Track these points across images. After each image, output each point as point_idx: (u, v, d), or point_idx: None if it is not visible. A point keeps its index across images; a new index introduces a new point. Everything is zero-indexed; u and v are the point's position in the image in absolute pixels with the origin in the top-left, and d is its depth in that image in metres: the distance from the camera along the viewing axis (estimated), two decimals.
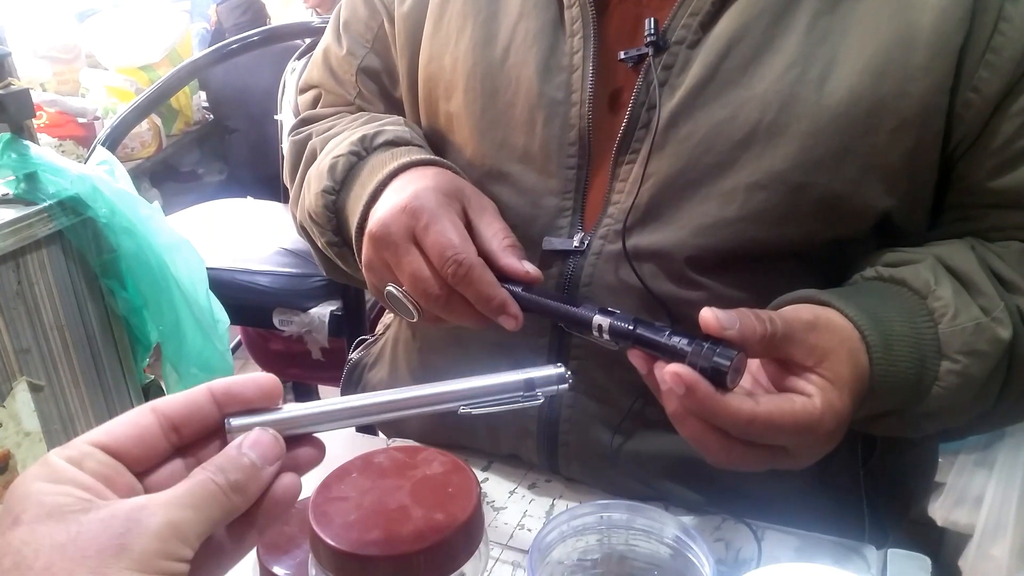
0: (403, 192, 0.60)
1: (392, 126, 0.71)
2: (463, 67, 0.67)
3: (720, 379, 0.47)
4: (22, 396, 0.67)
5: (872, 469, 0.70)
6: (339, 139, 0.71)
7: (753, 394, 0.49)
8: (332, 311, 1.61)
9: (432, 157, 0.66)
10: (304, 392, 2.20)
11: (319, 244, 0.73)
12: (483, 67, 0.66)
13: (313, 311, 1.61)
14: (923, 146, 0.58)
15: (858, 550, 0.64)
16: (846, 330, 0.53)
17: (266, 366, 2.15)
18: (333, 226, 0.69)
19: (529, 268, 0.58)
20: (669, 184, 0.61)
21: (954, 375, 0.56)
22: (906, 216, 0.62)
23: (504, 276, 0.58)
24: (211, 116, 2.92)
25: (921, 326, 0.57)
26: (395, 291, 0.60)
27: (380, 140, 0.69)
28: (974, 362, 0.56)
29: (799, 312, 0.53)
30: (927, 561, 0.63)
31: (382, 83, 0.78)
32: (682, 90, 0.60)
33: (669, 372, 0.47)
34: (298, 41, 1.96)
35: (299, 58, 1.94)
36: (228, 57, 1.85)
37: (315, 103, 0.83)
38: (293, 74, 1.93)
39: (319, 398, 2.17)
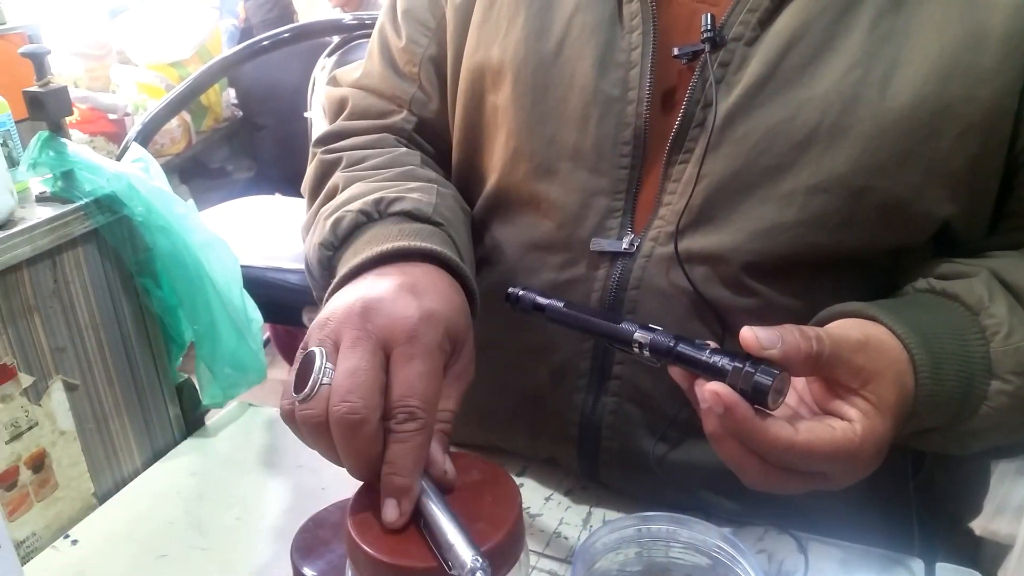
0: (413, 296, 0.50)
1: (418, 193, 0.64)
2: (513, 58, 0.65)
3: (761, 400, 0.46)
4: (57, 395, 0.67)
5: (922, 483, 0.68)
6: (359, 188, 0.66)
7: (794, 419, 0.48)
8: None
9: (443, 252, 0.58)
10: None
11: (315, 294, 0.67)
12: (535, 59, 0.64)
13: None
14: (988, 152, 0.56)
15: (905, 563, 0.62)
16: (895, 351, 0.51)
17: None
18: (325, 283, 0.61)
19: (444, 466, 0.48)
20: (724, 186, 0.59)
21: (1005, 395, 0.54)
22: (966, 224, 0.60)
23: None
24: (240, 113, 2.93)
25: (972, 344, 0.55)
26: (319, 356, 0.47)
27: (396, 208, 0.62)
28: None
29: (848, 330, 0.51)
30: (976, 575, 0.61)
31: (444, 74, 0.73)
32: (739, 88, 0.58)
33: (708, 390, 0.46)
34: (328, 38, 1.96)
35: (329, 55, 1.93)
36: (259, 54, 1.85)
37: (341, 108, 0.78)
38: (323, 71, 1.93)
39: None
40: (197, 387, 0.81)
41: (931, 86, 0.55)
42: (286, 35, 1.83)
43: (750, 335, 0.47)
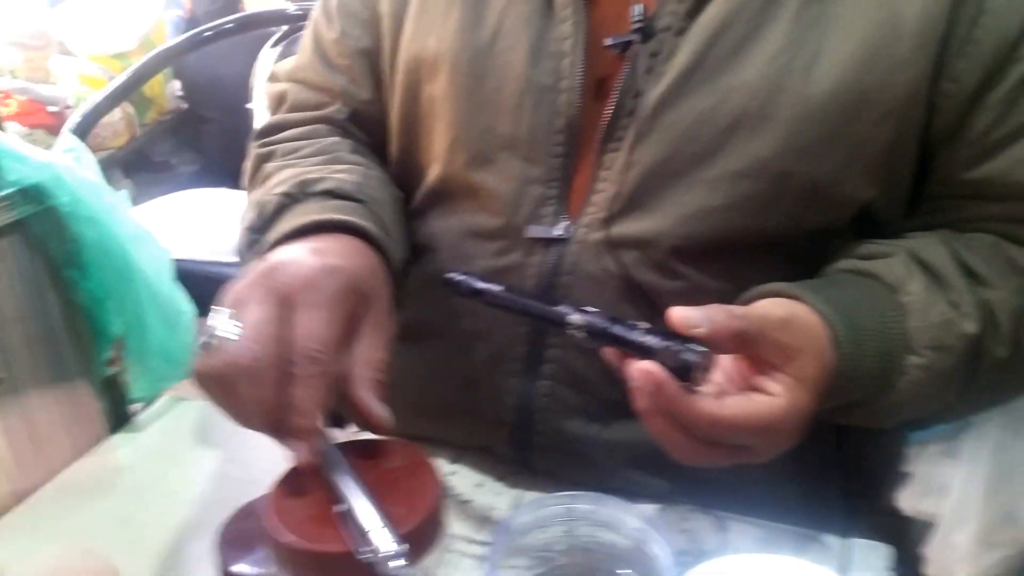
0: (317, 255, 0.53)
1: (343, 174, 0.66)
2: (449, 49, 0.66)
3: (688, 377, 0.48)
4: None
5: (843, 457, 0.71)
6: (286, 173, 0.67)
7: (721, 394, 0.50)
8: None
9: (362, 224, 0.60)
10: None
11: None
12: (470, 50, 0.65)
13: None
14: (904, 136, 0.59)
15: (820, 540, 0.65)
16: (816, 328, 0.54)
17: None
18: None
19: (378, 411, 0.51)
20: (654, 172, 0.61)
21: (921, 369, 0.57)
22: (886, 207, 0.63)
23: (357, 405, 0.51)
24: (185, 105, 2.88)
25: (890, 321, 0.57)
26: (221, 319, 0.49)
27: (319, 188, 0.64)
28: (940, 356, 0.57)
29: (772, 309, 0.53)
30: (890, 550, 0.64)
31: (377, 65, 0.74)
32: (668, 77, 0.60)
33: (639, 369, 0.47)
34: (273, 28, 1.94)
35: (274, 46, 1.91)
36: (203, 44, 1.83)
37: (280, 102, 0.80)
38: (267, 62, 1.91)
39: None
40: (126, 381, 0.80)
41: (851, 73, 0.57)
42: (230, 25, 1.81)
43: (677, 315, 0.49)
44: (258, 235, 0.63)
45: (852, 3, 0.58)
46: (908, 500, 1.75)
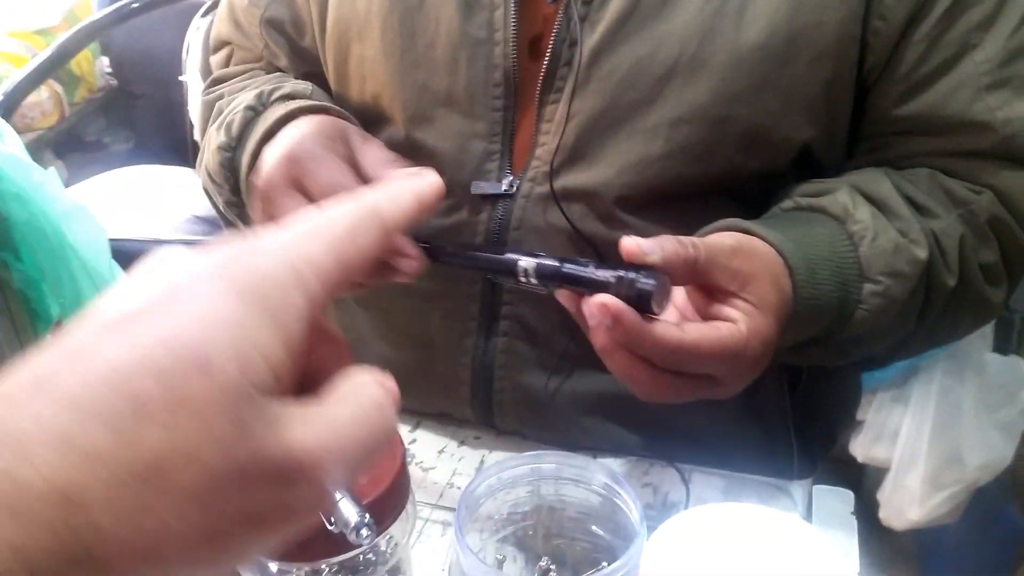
0: (285, 141, 0.60)
1: (295, 83, 0.70)
2: (378, 7, 0.65)
3: (646, 305, 0.47)
4: None
5: (798, 401, 0.72)
6: (240, 96, 0.69)
7: (680, 324, 0.49)
8: None
9: (320, 104, 0.66)
10: None
11: (219, 206, 0.71)
12: (400, 6, 0.64)
13: None
14: (840, 76, 0.59)
15: (784, 488, 0.65)
16: (768, 255, 0.54)
17: None
18: (231, 185, 0.67)
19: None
20: (594, 123, 0.61)
21: (877, 296, 0.57)
22: (826, 148, 0.63)
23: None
24: (115, 82, 2.79)
25: (842, 250, 0.57)
26: None
27: (277, 95, 0.67)
28: (895, 283, 0.57)
29: (721, 238, 0.53)
30: (850, 495, 0.65)
31: (287, 34, 0.75)
32: (603, 25, 0.59)
33: (595, 303, 0.46)
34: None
35: (204, 15, 1.85)
36: (129, 16, 1.77)
37: (227, 61, 0.81)
38: (198, 32, 1.84)
39: None
40: None
41: (782, 15, 0.57)
42: None
43: (631, 243, 0.48)
44: (231, 152, 0.66)
45: None
46: (861, 448, 1.80)
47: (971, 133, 0.61)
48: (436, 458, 0.70)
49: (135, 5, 1.74)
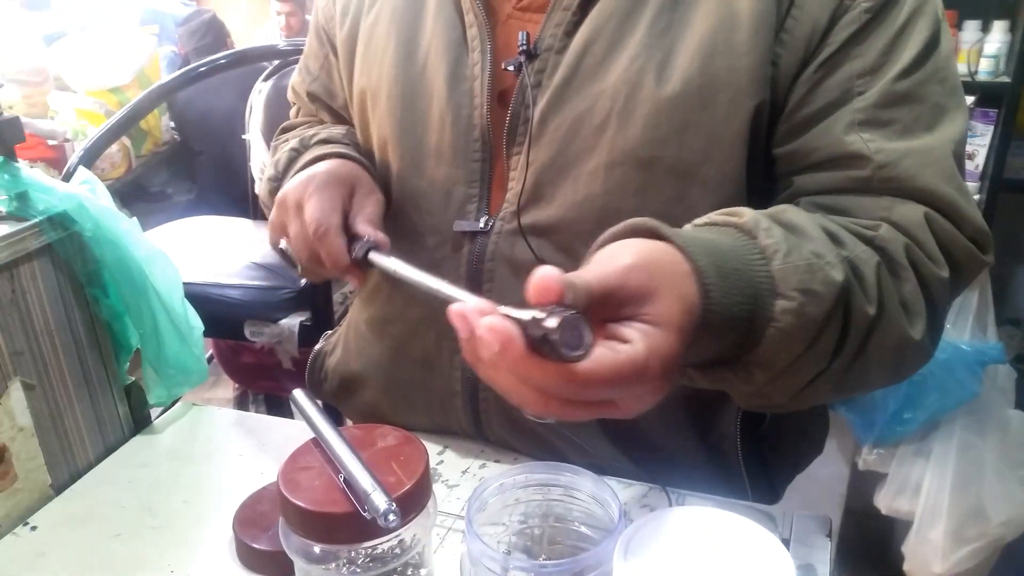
0: (305, 172, 0.76)
1: (330, 129, 0.87)
2: (387, 78, 0.79)
3: (555, 351, 0.44)
4: (16, 394, 0.74)
5: (751, 433, 0.79)
6: (292, 141, 0.86)
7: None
8: (302, 321, 1.68)
9: (345, 151, 0.81)
10: (275, 404, 2.26)
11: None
12: (404, 78, 0.78)
13: (283, 322, 1.68)
14: (760, 113, 0.67)
15: (767, 512, 0.72)
16: (674, 263, 0.51)
17: (238, 378, 2.21)
18: None
19: (369, 232, 0.72)
20: (547, 169, 0.72)
21: (790, 314, 0.54)
22: (752, 181, 0.69)
23: (355, 236, 0.73)
24: (179, 137, 2.97)
25: (754, 263, 0.55)
26: (283, 244, 0.77)
27: (316, 139, 0.84)
28: (810, 301, 0.54)
29: (617, 255, 0.50)
30: (828, 519, 0.72)
31: (323, 101, 0.93)
32: (551, 89, 0.71)
33: (487, 326, 0.44)
34: (264, 64, 2.03)
35: (266, 79, 2.01)
36: (198, 79, 1.92)
37: (295, 115, 1.00)
38: (260, 95, 2.00)
39: (290, 410, 2.22)
40: (144, 388, 0.88)
41: (696, 65, 0.66)
42: (223, 61, 1.90)
43: (535, 286, 0.45)
44: (277, 183, 0.82)
45: (697, 7, 0.67)
46: (885, 500, 1.83)
47: (849, 165, 0.64)
48: (460, 477, 0.78)
49: (203, 68, 1.88)
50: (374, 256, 0.71)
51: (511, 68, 0.73)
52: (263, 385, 2.16)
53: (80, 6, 3.41)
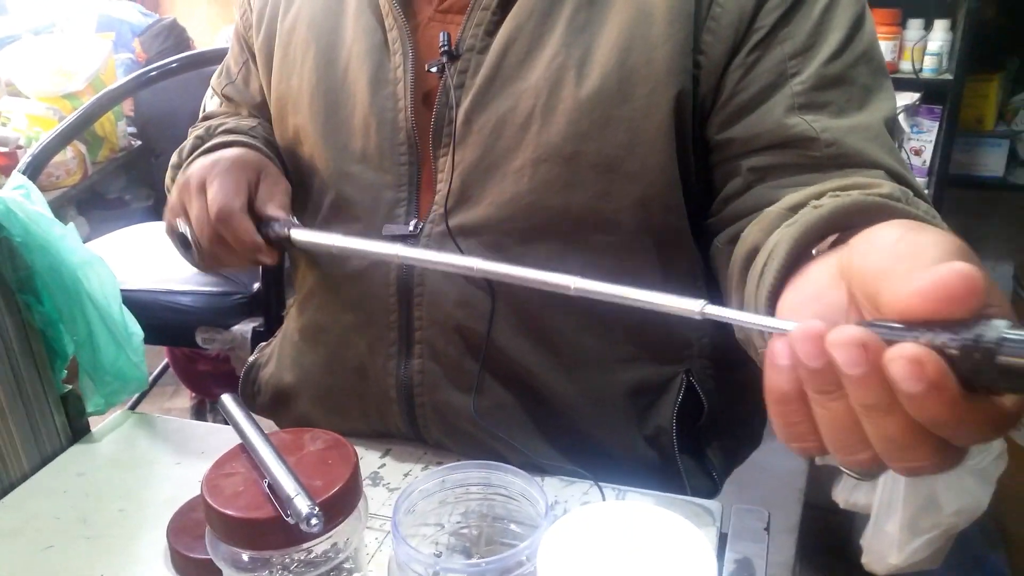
0: (210, 156, 0.76)
1: (239, 120, 0.88)
2: (308, 85, 0.78)
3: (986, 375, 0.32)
4: None
5: (702, 428, 0.80)
6: (199, 129, 0.87)
7: None
8: (254, 327, 1.66)
9: (251, 142, 0.81)
10: None
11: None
12: (326, 84, 0.78)
13: (235, 328, 1.67)
14: (681, 104, 0.68)
15: (706, 507, 0.73)
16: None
17: (194, 387, 2.18)
18: None
19: (283, 216, 0.72)
20: (473, 169, 0.72)
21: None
22: (688, 172, 0.70)
23: (268, 219, 0.73)
24: (137, 142, 2.93)
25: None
26: (181, 225, 0.75)
27: (221, 128, 0.85)
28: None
29: (931, 249, 0.37)
30: (765, 513, 0.72)
31: (237, 103, 0.93)
32: (474, 89, 0.71)
33: (905, 357, 0.32)
34: (219, 66, 2.01)
35: None
36: (149, 83, 1.90)
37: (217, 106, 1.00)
38: (212, 98, 1.98)
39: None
40: (81, 397, 0.86)
41: (614, 60, 0.67)
42: (174, 65, 1.88)
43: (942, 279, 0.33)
44: (177, 170, 0.82)
45: (612, 2, 0.68)
46: (843, 494, 1.85)
47: (798, 146, 0.65)
48: (402, 480, 0.78)
49: (154, 73, 1.87)
50: (297, 233, 0.70)
51: (434, 69, 0.72)
52: (220, 392, 2.13)
53: (34, 11, 3.35)
